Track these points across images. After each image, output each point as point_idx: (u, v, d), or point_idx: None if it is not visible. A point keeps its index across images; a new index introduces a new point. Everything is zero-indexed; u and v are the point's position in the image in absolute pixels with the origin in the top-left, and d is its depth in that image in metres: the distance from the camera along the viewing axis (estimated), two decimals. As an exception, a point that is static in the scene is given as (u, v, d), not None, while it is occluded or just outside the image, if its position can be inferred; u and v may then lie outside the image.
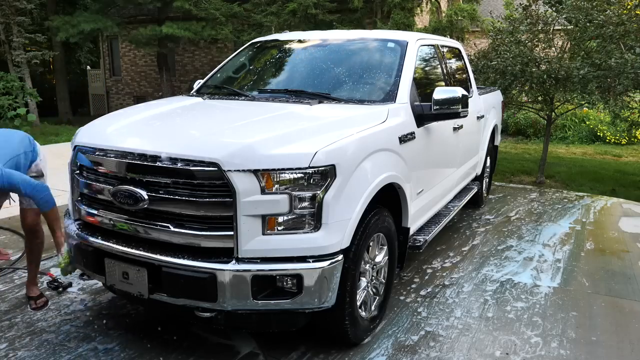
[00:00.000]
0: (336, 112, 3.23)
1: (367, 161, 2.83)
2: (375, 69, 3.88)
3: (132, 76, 20.05)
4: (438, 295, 3.81)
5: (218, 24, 13.93)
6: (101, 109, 19.65)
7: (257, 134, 2.70)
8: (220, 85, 4.13)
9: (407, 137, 3.35)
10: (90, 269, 2.95)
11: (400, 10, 12.36)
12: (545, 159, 8.50)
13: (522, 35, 8.04)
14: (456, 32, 13.03)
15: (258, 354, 2.99)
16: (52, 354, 2.94)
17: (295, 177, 2.50)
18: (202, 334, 3.18)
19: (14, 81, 12.25)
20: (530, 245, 4.94)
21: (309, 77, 3.94)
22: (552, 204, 6.58)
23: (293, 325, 2.81)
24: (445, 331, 3.29)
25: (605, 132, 13.43)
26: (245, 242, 2.48)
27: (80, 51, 21.52)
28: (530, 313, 3.56)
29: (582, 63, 7.27)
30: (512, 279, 4.14)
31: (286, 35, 4.65)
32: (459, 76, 5.03)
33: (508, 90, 7.94)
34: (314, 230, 2.55)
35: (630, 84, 6.77)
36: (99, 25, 15.46)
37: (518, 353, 3.07)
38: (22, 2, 13.74)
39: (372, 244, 3.04)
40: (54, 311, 3.47)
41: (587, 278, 4.21)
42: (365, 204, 2.76)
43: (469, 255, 4.66)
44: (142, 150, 2.64)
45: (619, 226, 5.68)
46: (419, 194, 3.65)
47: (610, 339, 3.26)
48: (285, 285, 2.54)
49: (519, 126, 14.04)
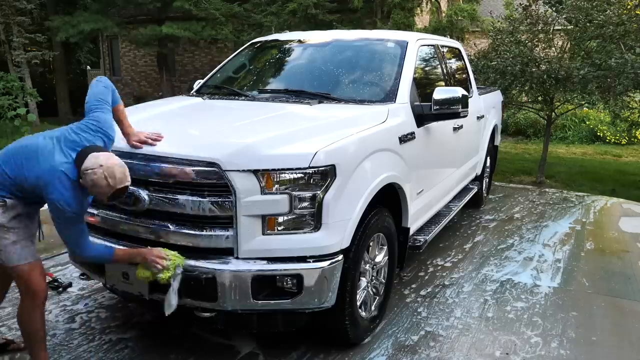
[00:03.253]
0: (336, 112, 3.23)
1: (367, 161, 2.83)
2: (376, 69, 3.88)
3: (132, 76, 20.05)
4: (438, 295, 3.81)
5: (218, 24, 13.92)
6: (101, 109, 19.60)
7: (257, 134, 2.70)
8: (220, 85, 4.13)
9: (407, 137, 3.35)
10: (90, 269, 2.95)
11: (400, 10, 12.35)
12: (545, 159, 8.50)
13: (522, 35, 8.03)
14: (456, 32, 13.01)
15: (258, 354, 2.99)
16: (52, 354, 2.94)
17: (295, 177, 2.50)
18: (202, 334, 3.18)
19: (14, 81, 12.23)
20: (530, 245, 4.94)
21: (309, 77, 3.94)
22: (552, 204, 6.57)
23: (293, 325, 2.80)
24: (445, 331, 3.29)
25: (605, 132, 13.42)
26: (246, 242, 2.48)
27: (80, 51, 21.50)
28: (530, 313, 3.56)
29: (582, 63, 7.27)
30: (512, 279, 4.14)
31: (286, 35, 4.65)
32: (459, 76, 5.03)
33: (508, 90, 7.94)
34: (314, 231, 2.55)
35: (630, 84, 6.76)
36: (99, 25, 15.45)
37: (518, 353, 3.07)
38: (22, 2, 13.74)
39: (372, 244, 3.04)
40: (54, 311, 3.47)
41: (587, 278, 4.21)
42: (365, 204, 2.76)
43: (469, 255, 4.66)
44: (142, 150, 2.65)
45: (619, 226, 5.68)
46: (419, 194, 3.64)
47: (610, 339, 3.26)
48: (286, 285, 2.54)
49: (519, 126, 14.03)
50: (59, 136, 2.46)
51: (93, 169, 2.26)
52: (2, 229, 2.42)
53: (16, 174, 2.39)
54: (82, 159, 2.31)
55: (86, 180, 2.28)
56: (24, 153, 2.41)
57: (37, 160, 2.37)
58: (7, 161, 2.42)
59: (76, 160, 2.35)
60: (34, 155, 2.38)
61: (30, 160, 2.38)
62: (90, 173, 2.26)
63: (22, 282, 2.52)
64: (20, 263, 2.47)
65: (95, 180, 2.26)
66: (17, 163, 2.39)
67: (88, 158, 2.30)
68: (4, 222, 2.41)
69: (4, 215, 2.41)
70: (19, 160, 2.39)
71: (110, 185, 2.27)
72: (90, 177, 2.26)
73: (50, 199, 2.33)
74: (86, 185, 2.31)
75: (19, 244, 2.46)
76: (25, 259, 2.48)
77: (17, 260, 2.46)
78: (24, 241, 2.49)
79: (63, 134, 2.46)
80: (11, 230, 2.44)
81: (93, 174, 2.26)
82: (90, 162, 2.28)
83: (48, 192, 2.32)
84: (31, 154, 2.39)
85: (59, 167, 2.33)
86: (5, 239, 2.44)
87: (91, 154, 2.31)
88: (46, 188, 2.32)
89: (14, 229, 2.44)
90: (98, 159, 2.29)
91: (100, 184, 2.26)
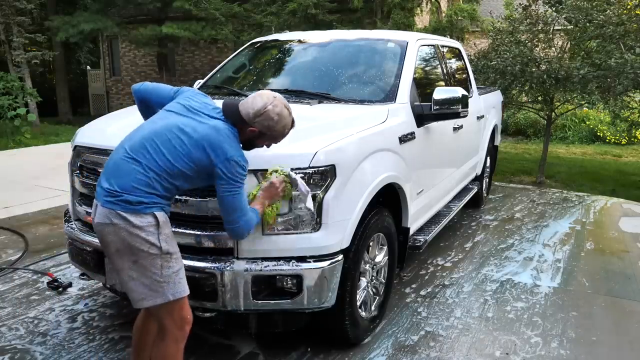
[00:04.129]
0: (336, 112, 3.23)
1: (367, 161, 2.83)
2: (376, 69, 3.88)
3: (132, 76, 20.03)
4: (438, 295, 3.81)
5: (218, 24, 13.93)
6: (101, 109, 19.63)
7: (257, 134, 2.70)
8: (220, 85, 4.13)
9: (407, 137, 3.35)
10: (90, 269, 2.95)
11: (400, 10, 12.35)
12: (545, 159, 8.50)
13: (522, 35, 8.04)
14: (456, 32, 13.02)
15: (258, 354, 2.99)
16: (52, 354, 2.94)
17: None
18: (202, 334, 3.18)
19: (14, 81, 12.24)
20: (530, 245, 4.94)
21: (309, 77, 3.94)
22: (552, 204, 6.57)
23: (293, 325, 2.80)
24: (445, 331, 3.29)
25: (605, 132, 13.42)
26: (246, 242, 2.48)
27: (80, 51, 21.49)
28: (530, 313, 3.56)
29: (582, 63, 7.27)
30: (512, 279, 4.14)
31: (286, 35, 4.65)
32: (459, 76, 5.03)
33: (508, 90, 7.94)
34: (313, 231, 2.55)
35: (630, 84, 6.77)
36: (99, 25, 15.45)
37: (518, 353, 3.07)
38: (22, 2, 13.72)
39: (372, 244, 3.04)
40: (54, 311, 3.47)
41: (587, 278, 4.21)
42: (365, 204, 2.76)
43: (469, 255, 4.66)
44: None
45: (619, 226, 5.68)
46: (419, 194, 3.65)
47: (610, 339, 3.26)
48: (285, 285, 2.54)
49: (519, 126, 14.03)
50: (182, 108, 2.12)
51: (272, 102, 2.07)
52: (166, 257, 1.96)
53: (167, 164, 1.97)
54: (234, 112, 2.07)
55: (268, 118, 2.05)
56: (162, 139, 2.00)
57: (189, 135, 2.00)
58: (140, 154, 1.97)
59: (227, 116, 2.08)
60: (180, 133, 2.01)
61: (180, 138, 1.99)
62: (271, 109, 2.06)
63: (175, 315, 2.08)
64: (182, 296, 2.05)
65: (280, 112, 2.07)
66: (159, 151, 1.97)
67: (248, 104, 2.06)
68: (166, 247, 1.96)
69: (162, 237, 1.96)
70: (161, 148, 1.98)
71: (290, 114, 2.14)
72: (274, 112, 2.06)
73: (229, 158, 1.99)
74: (266, 126, 2.07)
75: (181, 273, 2.04)
76: (186, 290, 2.07)
77: (180, 293, 2.03)
78: (183, 269, 2.06)
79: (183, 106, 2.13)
80: (173, 256, 2.00)
81: (275, 107, 2.07)
82: (260, 100, 2.07)
83: (224, 151, 1.98)
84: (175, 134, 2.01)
85: (221, 125, 2.05)
86: (168, 268, 1.98)
87: (245, 101, 2.09)
88: (219, 150, 1.98)
89: (174, 254, 2.01)
90: (261, 95, 2.09)
91: (285, 113, 2.10)
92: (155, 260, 1.96)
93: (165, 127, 2.05)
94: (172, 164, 1.99)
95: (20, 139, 10.98)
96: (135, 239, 1.94)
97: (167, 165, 1.99)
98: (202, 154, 2.00)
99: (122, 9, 16.96)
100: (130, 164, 1.98)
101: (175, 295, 2.02)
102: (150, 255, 1.96)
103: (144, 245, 1.94)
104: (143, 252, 1.95)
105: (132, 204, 1.93)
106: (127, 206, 1.93)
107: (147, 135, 2.04)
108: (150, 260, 1.96)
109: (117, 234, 1.94)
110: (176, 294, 2.03)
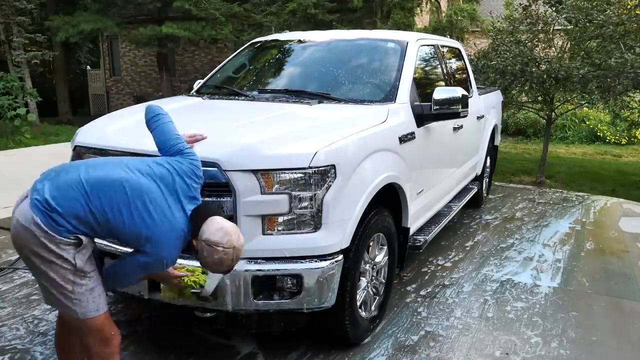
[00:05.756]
0: (336, 112, 3.23)
1: (367, 161, 2.83)
2: (375, 69, 3.88)
3: (132, 76, 20.03)
4: (438, 295, 3.81)
5: (218, 24, 13.93)
6: (101, 109, 19.64)
7: (257, 134, 2.70)
8: (220, 85, 4.13)
9: (407, 137, 3.35)
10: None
11: (400, 10, 12.35)
12: (545, 159, 8.50)
13: (522, 35, 8.05)
14: (456, 32, 13.02)
15: (258, 354, 2.99)
16: (53, 354, 2.94)
17: (295, 177, 2.50)
18: (202, 334, 3.18)
19: (14, 81, 12.24)
20: (530, 245, 4.93)
21: (309, 77, 3.94)
22: (552, 204, 6.57)
23: (293, 325, 2.81)
24: (445, 331, 3.29)
25: (605, 132, 13.43)
26: (246, 242, 2.48)
27: (80, 51, 21.51)
28: (530, 313, 3.56)
29: (582, 63, 7.28)
30: (512, 279, 4.14)
31: (286, 35, 4.65)
32: (459, 76, 5.03)
33: (508, 90, 7.95)
34: (314, 231, 2.55)
35: (630, 84, 6.77)
36: (99, 25, 15.46)
37: (518, 353, 3.07)
38: (22, 2, 13.73)
39: (372, 244, 3.04)
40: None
41: (587, 278, 4.21)
42: (365, 204, 2.76)
43: (469, 255, 4.66)
44: (142, 150, 2.64)
45: (619, 226, 5.68)
46: (419, 194, 3.65)
47: (610, 339, 3.26)
48: (286, 285, 2.54)
49: (519, 126, 14.04)
50: (163, 176, 2.04)
51: (224, 249, 1.95)
52: (79, 274, 1.97)
53: (107, 218, 1.94)
54: (200, 221, 1.99)
55: (208, 252, 1.96)
56: (120, 194, 1.94)
57: (147, 213, 1.95)
58: (93, 194, 1.94)
59: (192, 219, 2.02)
60: (141, 205, 1.95)
61: (135, 211, 1.94)
62: (219, 251, 1.95)
63: (94, 334, 2.07)
64: (97, 314, 2.03)
65: (222, 260, 1.96)
66: (111, 204, 1.93)
67: (213, 228, 1.96)
68: (81, 265, 1.96)
69: (78, 256, 1.95)
70: (114, 202, 1.94)
71: (231, 267, 2.02)
72: (217, 255, 1.95)
73: (153, 255, 1.99)
74: (202, 254, 1.98)
75: (96, 291, 2.03)
76: (102, 308, 2.06)
77: (94, 311, 2.02)
78: (99, 287, 2.06)
79: (166, 175, 2.05)
80: (88, 275, 2.00)
81: (223, 253, 1.95)
82: (219, 237, 1.95)
83: (160, 250, 1.98)
84: (134, 201, 1.94)
85: (180, 226, 1.99)
86: (81, 286, 1.98)
87: (214, 222, 1.99)
88: (157, 247, 1.97)
89: (89, 273, 2.00)
90: (229, 235, 1.97)
91: (225, 264, 1.98)
92: (67, 275, 1.96)
93: (135, 188, 1.97)
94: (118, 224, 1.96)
95: (20, 139, 10.98)
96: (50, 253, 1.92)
97: (114, 223, 1.96)
98: (144, 239, 1.97)
99: (122, 9, 16.96)
100: (79, 199, 1.93)
101: (84, 316, 2.01)
102: (62, 269, 1.95)
103: (58, 260, 1.94)
104: (55, 265, 1.94)
105: (58, 225, 1.91)
106: (51, 223, 1.90)
107: (111, 184, 1.97)
108: (62, 273, 1.96)
109: (35, 239, 1.92)
110: (84, 314, 2.01)
